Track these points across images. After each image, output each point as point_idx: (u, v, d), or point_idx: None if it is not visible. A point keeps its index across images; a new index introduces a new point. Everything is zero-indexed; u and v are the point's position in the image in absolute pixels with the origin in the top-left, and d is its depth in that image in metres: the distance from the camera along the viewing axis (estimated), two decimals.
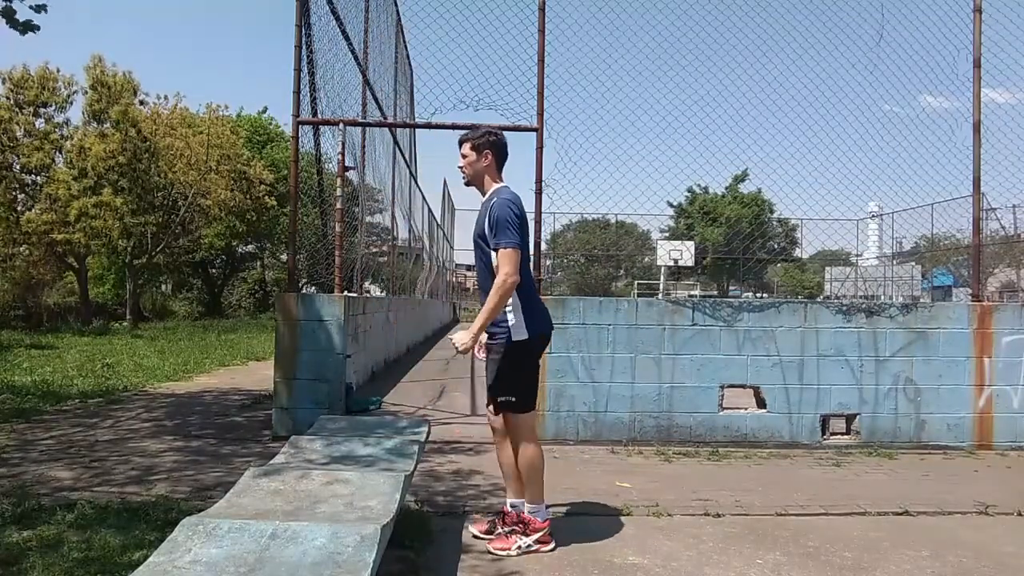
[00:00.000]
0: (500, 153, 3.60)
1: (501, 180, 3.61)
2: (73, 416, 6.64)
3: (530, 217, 5.90)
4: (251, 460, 4.94)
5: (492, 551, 3.38)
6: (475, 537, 3.57)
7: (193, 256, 28.18)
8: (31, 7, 5.65)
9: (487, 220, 3.43)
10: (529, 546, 3.40)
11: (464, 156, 3.58)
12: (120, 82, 20.26)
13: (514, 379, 3.46)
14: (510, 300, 3.41)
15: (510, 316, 3.43)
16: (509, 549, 3.38)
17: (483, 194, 3.60)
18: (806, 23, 6.26)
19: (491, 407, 3.58)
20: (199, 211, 22.47)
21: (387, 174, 11.73)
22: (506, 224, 3.36)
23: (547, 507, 3.55)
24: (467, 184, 3.65)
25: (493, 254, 3.40)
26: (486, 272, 3.49)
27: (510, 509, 3.54)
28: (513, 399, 3.46)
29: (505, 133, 3.67)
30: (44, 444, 5.45)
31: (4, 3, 5.57)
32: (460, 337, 3.33)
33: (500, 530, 3.51)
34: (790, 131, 6.36)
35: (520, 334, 3.43)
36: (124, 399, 7.73)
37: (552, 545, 3.46)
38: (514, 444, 3.51)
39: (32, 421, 6.37)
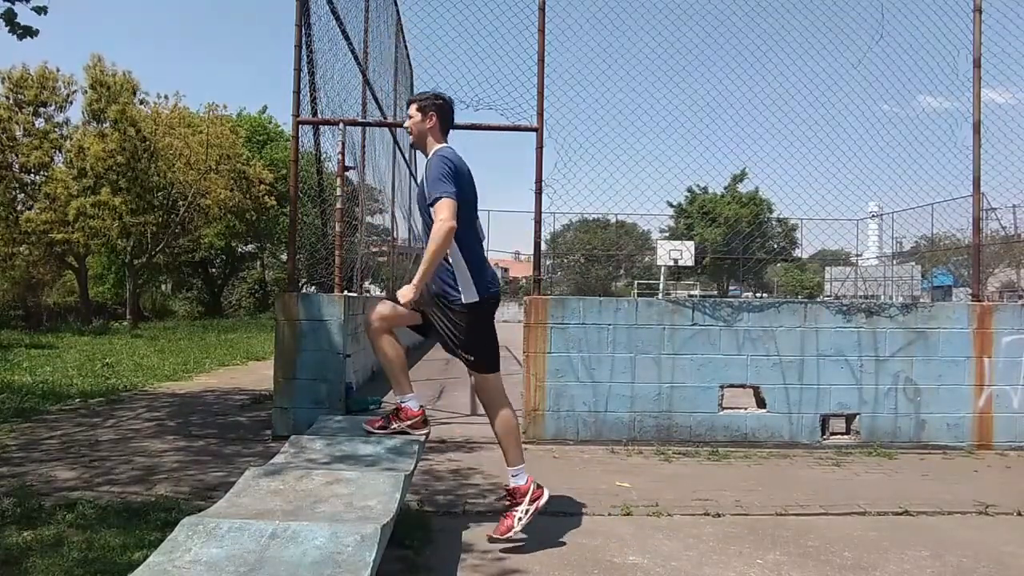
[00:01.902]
0: (445, 116, 3.64)
1: (445, 142, 3.64)
2: (74, 416, 6.64)
3: (530, 217, 5.96)
4: (253, 460, 4.94)
5: (497, 538, 3.43)
6: (368, 432, 3.68)
7: (193, 256, 28.20)
8: (32, 8, 5.68)
9: (425, 179, 3.46)
10: (528, 512, 3.47)
11: (410, 117, 3.62)
12: (120, 82, 20.27)
13: (471, 341, 3.52)
14: (457, 260, 3.43)
15: (459, 277, 3.46)
16: (513, 526, 3.44)
17: (426, 157, 3.64)
18: (806, 23, 6.26)
19: (385, 309, 3.56)
20: (199, 211, 22.48)
21: (387, 174, 11.72)
22: (438, 176, 3.38)
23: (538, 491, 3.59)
24: (412, 146, 3.71)
25: (432, 211, 3.39)
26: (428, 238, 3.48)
27: (403, 405, 3.67)
28: (472, 358, 3.53)
29: (504, 132, 3.70)
30: (46, 444, 5.45)
31: (6, 5, 5.60)
32: (404, 292, 3.38)
33: (394, 425, 3.63)
34: (790, 131, 6.36)
35: (470, 296, 3.47)
36: (125, 399, 7.74)
37: (546, 497, 3.53)
38: (486, 407, 3.60)
39: (33, 420, 6.37)
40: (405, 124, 3.68)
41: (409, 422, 3.65)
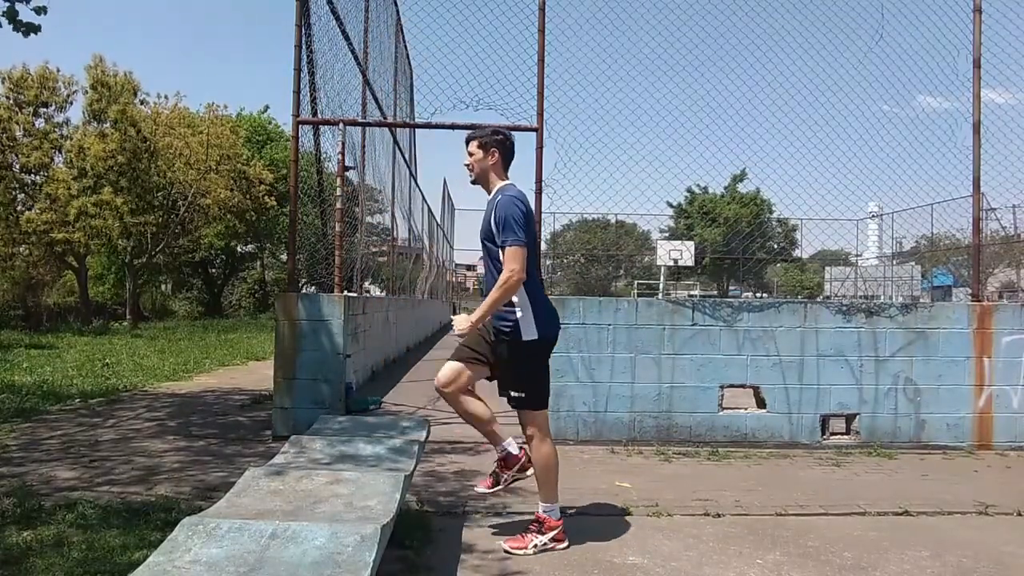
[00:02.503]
0: (507, 152, 3.62)
1: (507, 178, 3.62)
2: (75, 416, 6.64)
3: None
4: (254, 460, 4.94)
5: (509, 550, 3.40)
6: (480, 493, 3.70)
7: (193, 256, 28.22)
8: (32, 9, 5.72)
9: (493, 217, 3.45)
10: (545, 544, 3.42)
11: (471, 154, 3.59)
12: (121, 82, 20.28)
13: (522, 376, 3.48)
14: (520, 298, 3.42)
15: (519, 312, 3.43)
16: (526, 548, 3.40)
17: (488, 193, 3.62)
18: (806, 23, 6.26)
19: (449, 371, 3.56)
20: (199, 211, 22.49)
21: (387, 174, 11.73)
22: (512, 221, 3.38)
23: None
24: (473, 182, 3.67)
25: (500, 252, 3.42)
26: (493, 271, 3.49)
27: (505, 453, 3.61)
28: (523, 395, 3.47)
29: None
30: (46, 444, 5.45)
31: (8, 3, 5.64)
32: (460, 322, 3.36)
33: (505, 476, 3.59)
34: (790, 131, 6.36)
35: (529, 334, 3.44)
36: (125, 399, 7.73)
37: (566, 543, 3.47)
38: (528, 441, 3.55)
39: (33, 421, 6.37)
40: (465, 162, 3.62)
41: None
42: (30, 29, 5.82)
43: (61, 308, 24.56)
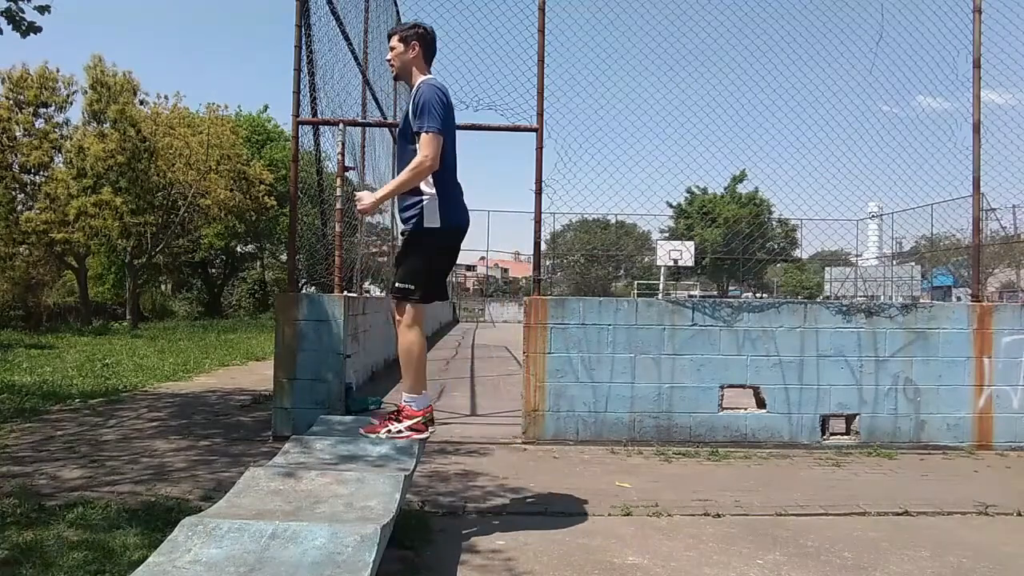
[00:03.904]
0: (428, 46, 3.63)
1: (429, 73, 3.63)
2: (76, 416, 6.64)
3: (530, 217, 5.96)
4: (256, 460, 4.93)
5: (362, 433, 3.47)
6: (362, 434, 3.61)
7: (193, 256, 28.24)
8: (35, 8, 5.71)
9: (411, 105, 3.45)
10: (400, 431, 3.46)
11: (392, 48, 3.61)
12: (120, 82, 20.28)
13: (416, 266, 3.47)
14: (428, 186, 3.42)
15: (425, 199, 3.43)
16: (379, 432, 3.46)
17: (410, 88, 3.62)
18: (806, 23, 6.26)
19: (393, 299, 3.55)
20: (198, 211, 22.48)
21: (387, 174, 11.72)
22: (431, 107, 3.37)
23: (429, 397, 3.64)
24: (395, 78, 3.71)
25: (415, 140, 3.41)
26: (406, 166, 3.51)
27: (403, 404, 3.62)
28: (411, 287, 3.46)
29: (504, 132, 3.72)
30: (49, 444, 5.45)
31: (8, 4, 5.63)
32: (364, 197, 3.36)
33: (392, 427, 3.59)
34: (790, 131, 6.37)
35: (432, 221, 3.43)
36: (126, 399, 7.73)
37: (426, 434, 3.51)
38: (397, 326, 3.54)
39: (34, 421, 6.37)
40: (387, 57, 3.62)
41: (409, 422, 3.59)
42: (31, 29, 5.80)
43: (61, 308, 24.55)
